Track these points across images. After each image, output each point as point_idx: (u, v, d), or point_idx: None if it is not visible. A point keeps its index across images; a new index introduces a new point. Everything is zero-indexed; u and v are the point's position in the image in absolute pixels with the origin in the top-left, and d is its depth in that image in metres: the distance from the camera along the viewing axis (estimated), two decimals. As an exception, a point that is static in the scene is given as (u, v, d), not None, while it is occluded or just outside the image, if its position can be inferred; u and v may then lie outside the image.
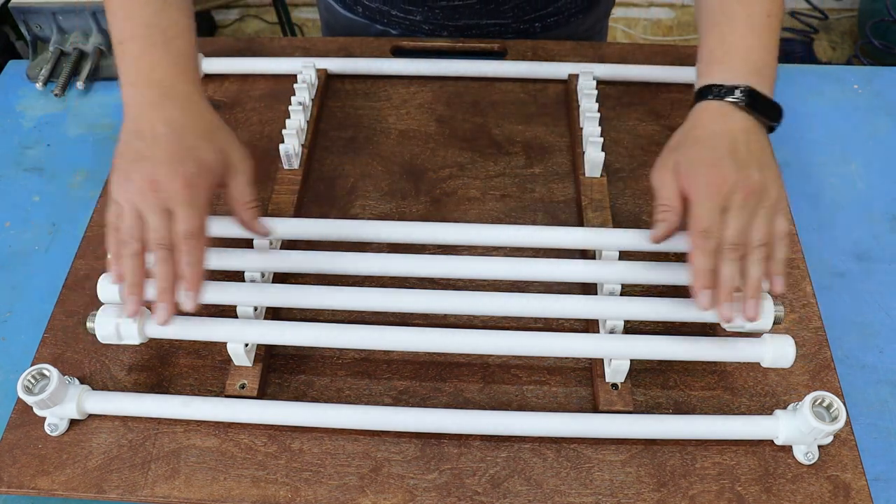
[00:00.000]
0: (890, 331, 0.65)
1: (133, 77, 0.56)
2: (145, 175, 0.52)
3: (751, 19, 0.57)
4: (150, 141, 0.54)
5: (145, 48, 0.56)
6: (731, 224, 0.52)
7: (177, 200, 0.52)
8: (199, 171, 0.53)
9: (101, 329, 0.56)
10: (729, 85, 0.55)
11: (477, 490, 0.54)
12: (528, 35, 0.85)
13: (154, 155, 0.53)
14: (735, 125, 0.55)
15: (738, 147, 0.54)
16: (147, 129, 0.54)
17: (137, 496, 0.53)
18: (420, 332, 0.57)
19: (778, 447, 0.55)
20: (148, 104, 0.55)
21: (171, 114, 0.55)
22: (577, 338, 0.56)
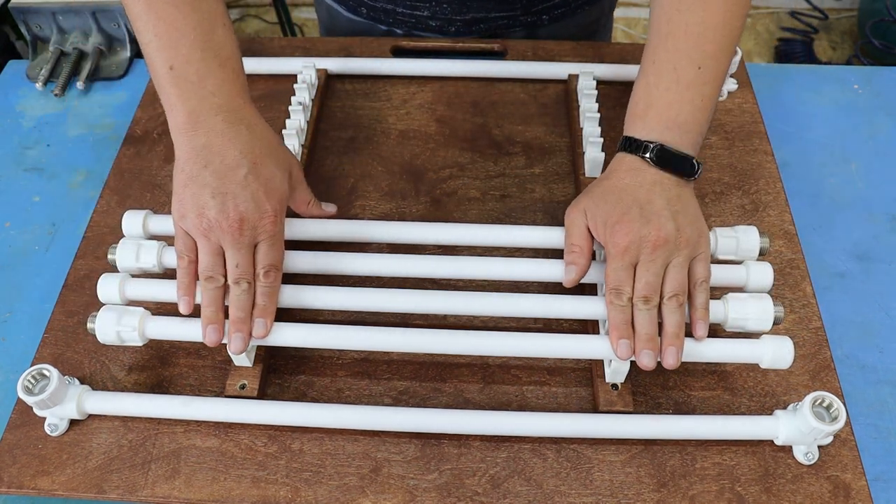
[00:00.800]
0: (890, 331, 0.65)
1: (194, 103, 0.54)
2: (231, 215, 0.52)
3: (676, 73, 0.57)
4: (227, 174, 0.53)
5: (203, 72, 0.54)
6: (640, 277, 0.54)
7: (263, 237, 0.54)
8: (281, 204, 0.55)
9: (102, 330, 0.56)
10: (643, 140, 0.57)
11: (477, 490, 0.54)
12: (535, 27, 0.85)
13: (235, 192, 0.53)
14: (648, 178, 0.56)
15: (648, 200, 0.54)
16: (218, 160, 0.53)
17: (137, 496, 0.53)
18: (420, 334, 0.57)
19: (778, 447, 0.55)
20: (214, 133, 0.54)
21: (242, 142, 0.54)
22: (576, 339, 0.56)
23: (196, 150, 0.53)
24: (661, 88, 0.57)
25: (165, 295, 0.58)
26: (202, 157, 0.53)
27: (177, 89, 0.54)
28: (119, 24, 0.88)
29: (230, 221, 0.52)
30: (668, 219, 0.54)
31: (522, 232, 0.62)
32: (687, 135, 0.56)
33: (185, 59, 0.53)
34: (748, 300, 0.56)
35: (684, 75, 0.56)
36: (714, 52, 0.57)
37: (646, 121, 0.57)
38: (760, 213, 0.69)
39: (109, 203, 0.70)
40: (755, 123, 0.76)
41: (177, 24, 0.53)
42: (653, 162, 0.56)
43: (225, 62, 0.55)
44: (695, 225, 0.55)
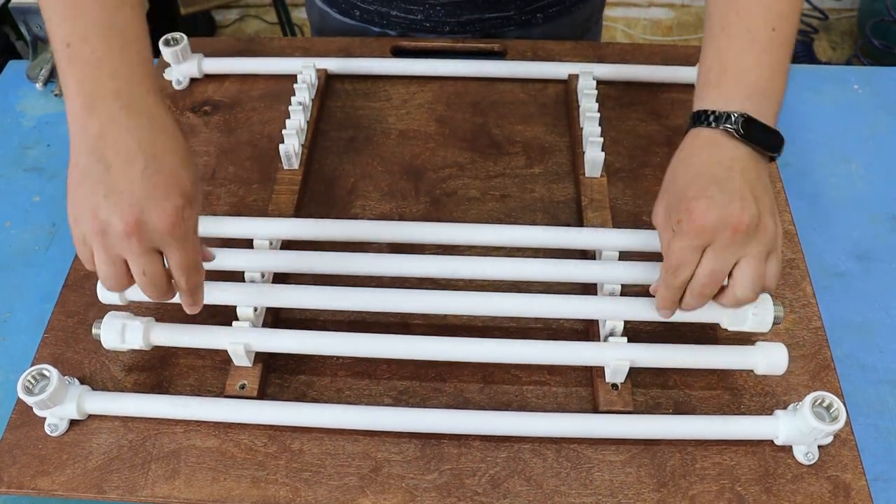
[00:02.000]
0: (890, 331, 0.65)
1: (89, 87, 0.47)
2: (126, 216, 0.45)
3: (751, 34, 0.51)
4: (122, 171, 0.46)
5: (102, 52, 0.47)
6: (706, 264, 0.49)
7: (167, 239, 0.47)
8: (186, 199, 0.47)
9: (107, 335, 0.56)
10: (722, 111, 0.51)
11: (477, 490, 0.54)
12: (529, 25, 0.85)
13: (131, 189, 0.45)
14: (726, 155, 0.50)
15: (728, 177, 0.49)
16: (113, 153, 0.46)
17: (137, 496, 0.53)
18: (420, 341, 0.57)
19: (778, 447, 0.55)
20: (110, 120, 0.46)
21: (140, 133, 0.47)
22: (575, 346, 0.57)
23: (90, 141, 0.46)
24: (734, 51, 0.51)
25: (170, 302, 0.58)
26: (97, 150, 0.46)
27: (73, 69, 0.47)
28: (119, 24, 0.87)
29: (125, 225, 0.45)
30: (750, 202, 0.48)
31: (522, 232, 0.62)
32: (768, 103, 0.51)
33: (83, 37, 0.47)
34: None
35: (758, 36, 0.51)
36: (787, 13, 0.52)
37: (721, 88, 0.52)
38: (760, 213, 0.69)
39: (109, 203, 0.70)
40: (755, 123, 0.76)
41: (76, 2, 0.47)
42: (737, 134, 0.50)
43: (128, 44, 0.48)
44: (774, 217, 0.50)
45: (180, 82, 0.80)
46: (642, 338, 0.59)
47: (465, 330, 0.61)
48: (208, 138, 0.76)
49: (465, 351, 0.57)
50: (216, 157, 0.74)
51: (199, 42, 0.84)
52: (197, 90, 0.80)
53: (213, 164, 0.73)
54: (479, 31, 0.84)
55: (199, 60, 0.79)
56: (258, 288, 0.59)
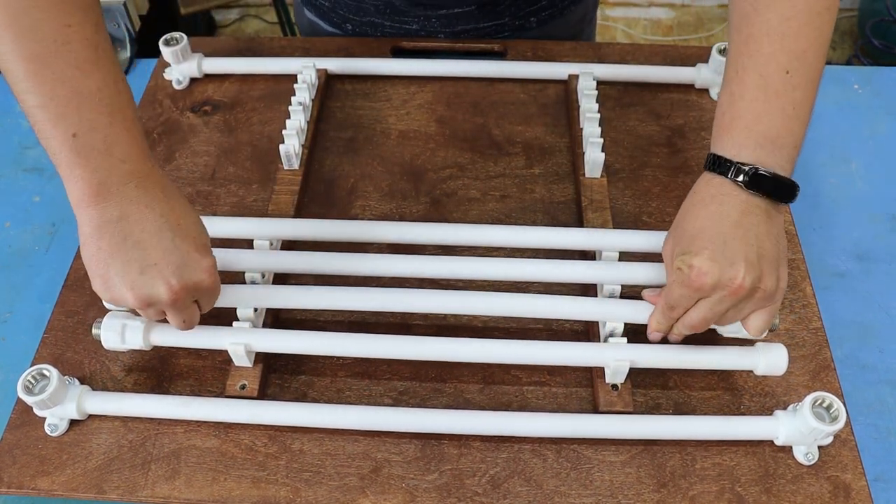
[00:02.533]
0: (890, 331, 0.65)
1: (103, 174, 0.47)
2: (171, 285, 0.49)
3: (763, 79, 0.50)
4: (153, 243, 0.48)
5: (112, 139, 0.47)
6: (699, 310, 0.52)
7: (206, 293, 0.53)
8: (213, 258, 0.52)
9: (107, 335, 0.56)
10: (733, 161, 0.51)
11: (477, 491, 0.54)
12: (524, 31, 0.85)
13: (167, 259, 0.49)
14: (736, 209, 0.50)
15: (734, 235, 0.50)
16: (139, 229, 0.48)
17: (138, 497, 0.53)
18: (421, 342, 0.57)
19: (778, 448, 0.55)
20: (127, 202, 0.48)
21: (159, 207, 0.49)
22: (575, 346, 0.57)
23: (110, 223, 0.47)
24: (746, 99, 0.51)
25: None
26: (119, 230, 0.47)
27: (81, 159, 0.46)
28: (119, 24, 0.88)
29: (172, 293, 0.49)
30: (753, 265, 0.49)
31: (522, 232, 0.62)
32: (781, 150, 0.50)
33: (90, 126, 0.46)
34: None
35: (772, 82, 0.50)
36: (802, 52, 0.50)
37: (733, 135, 0.51)
38: (760, 213, 0.69)
39: (109, 203, 0.70)
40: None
41: (78, 87, 0.46)
42: (745, 186, 0.50)
43: (131, 125, 0.48)
44: (778, 271, 0.51)
45: (180, 82, 0.80)
46: (642, 338, 0.59)
47: (465, 330, 0.61)
48: (208, 138, 0.76)
49: (465, 351, 0.57)
50: (216, 157, 0.74)
51: (199, 42, 0.84)
52: (197, 90, 0.80)
53: (213, 164, 0.73)
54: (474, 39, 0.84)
55: (199, 60, 0.80)
56: (258, 289, 0.59)
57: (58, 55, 0.45)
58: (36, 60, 0.45)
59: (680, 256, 0.51)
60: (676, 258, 0.52)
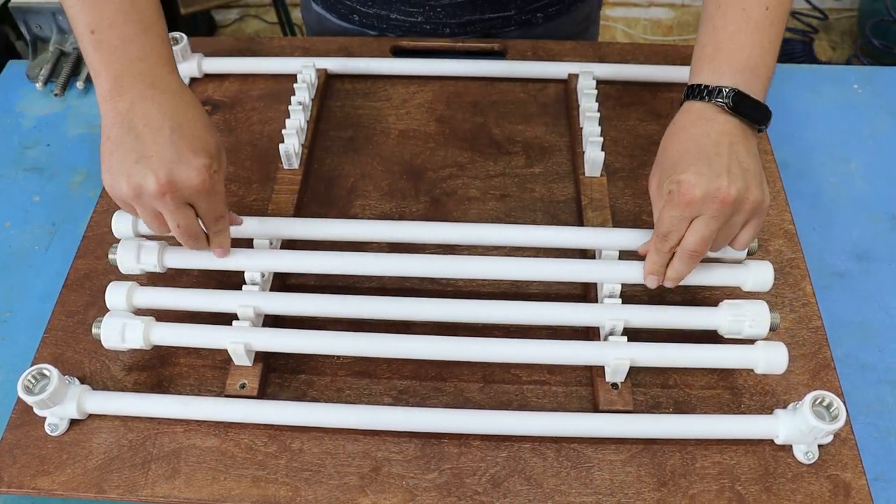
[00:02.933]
0: (890, 331, 0.65)
1: (118, 68, 0.51)
2: (159, 177, 0.50)
3: (745, 13, 0.55)
4: (151, 137, 0.51)
5: (127, 36, 0.52)
6: (695, 230, 0.53)
7: (198, 194, 0.53)
8: (211, 159, 0.53)
9: (107, 335, 0.56)
10: (714, 86, 0.54)
11: (477, 490, 0.54)
12: (529, 25, 0.85)
13: (160, 152, 0.50)
14: (717, 128, 0.53)
15: (717, 152, 0.52)
16: (142, 124, 0.51)
17: (138, 496, 0.53)
18: (420, 341, 0.57)
19: (778, 446, 0.55)
20: (138, 96, 0.51)
21: (166, 106, 0.52)
22: (575, 345, 0.57)
23: (120, 115, 0.51)
24: (729, 30, 0.55)
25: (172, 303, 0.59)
26: (126, 122, 0.51)
27: (100, 54, 0.51)
28: (119, 24, 0.87)
29: (159, 185, 0.50)
30: (739, 176, 0.51)
31: (522, 231, 0.62)
32: (758, 79, 0.54)
33: (109, 23, 0.51)
34: (744, 306, 0.56)
35: (753, 15, 0.54)
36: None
37: (715, 64, 0.55)
38: (760, 212, 0.69)
39: (109, 203, 0.70)
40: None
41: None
42: (727, 108, 0.53)
43: (149, 27, 0.53)
44: (762, 186, 0.53)
45: (180, 82, 0.80)
46: (642, 337, 0.59)
47: (465, 329, 0.61)
48: (208, 138, 0.75)
49: (465, 350, 0.57)
50: (216, 157, 0.74)
51: (199, 42, 0.84)
52: (197, 90, 0.80)
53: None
54: (480, 32, 0.84)
55: (199, 60, 0.80)
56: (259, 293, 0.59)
57: None
58: None
59: (667, 179, 0.53)
60: (664, 182, 0.54)
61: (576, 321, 0.59)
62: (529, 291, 0.64)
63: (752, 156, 0.53)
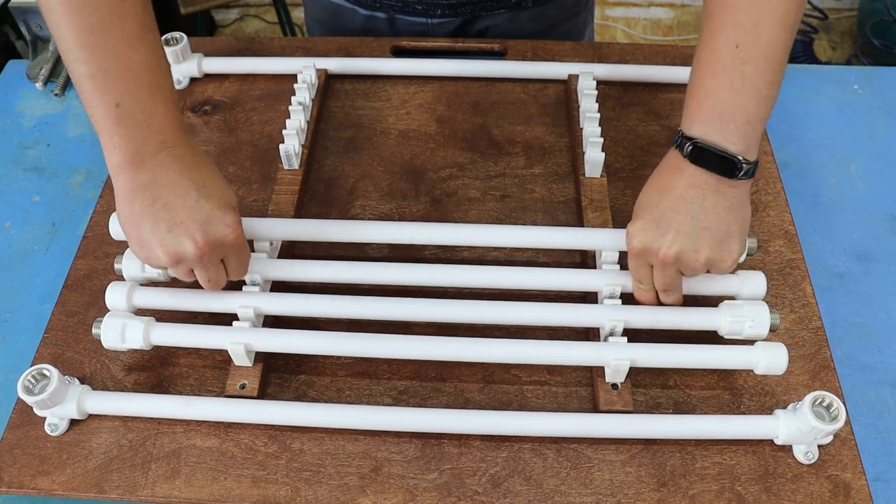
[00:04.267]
0: (890, 331, 0.65)
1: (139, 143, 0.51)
2: (194, 242, 0.52)
3: (714, 54, 0.52)
4: (179, 203, 0.52)
5: (151, 112, 0.51)
6: (657, 278, 0.56)
7: (231, 249, 0.55)
8: (237, 213, 0.55)
9: (107, 335, 0.56)
10: (683, 135, 0.53)
11: (477, 490, 0.54)
12: (519, 8, 0.84)
13: (192, 217, 0.52)
14: (683, 181, 0.53)
15: (674, 207, 0.53)
16: (167, 192, 0.52)
17: (138, 496, 0.53)
18: (421, 341, 0.57)
19: (778, 447, 0.55)
20: (159, 167, 0.52)
21: (187, 172, 0.53)
22: (575, 346, 0.57)
23: (142, 187, 0.51)
24: (699, 74, 0.53)
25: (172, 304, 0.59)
26: (150, 193, 0.51)
27: (121, 128, 0.50)
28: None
29: (197, 249, 0.52)
30: (687, 237, 0.52)
31: (522, 232, 0.62)
32: (728, 125, 0.51)
33: (134, 98, 0.50)
34: (744, 307, 0.56)
35: (721, 57, 0.51)
36: (754, 25, 0.50)
37: (688, 111, 0.54)
38: (760, 213, 0.69)
39: (109, 203, 0.70)
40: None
41: (126, 61, 0.50)
42: (689, 160, 0.52)
43: (168, 98, 0.53)
44: (722, 246, 0.52)
45: (180, 82, 0.80)
46: (642, 338, 0.59)
47: (465, 330, 0.61)
48: (208, 138, 0.76)
49: (465, 351, 0.57)
50: (216, 157, 0.74)
51: (199, 42, 0.84)
52: (197, 90, 0.80)
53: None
54: (469, 13, 0.83)
55: (199, 60, 0.80)
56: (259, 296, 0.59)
57: (111, 29, 0.49)
58: (90, 32, 0.48)
59: (632, 234, 0.55)
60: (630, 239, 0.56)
61: (576, 322, 0.59)
62: (529, 292, 0.64)
63: (718, 211, 0.52)
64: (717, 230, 0.52)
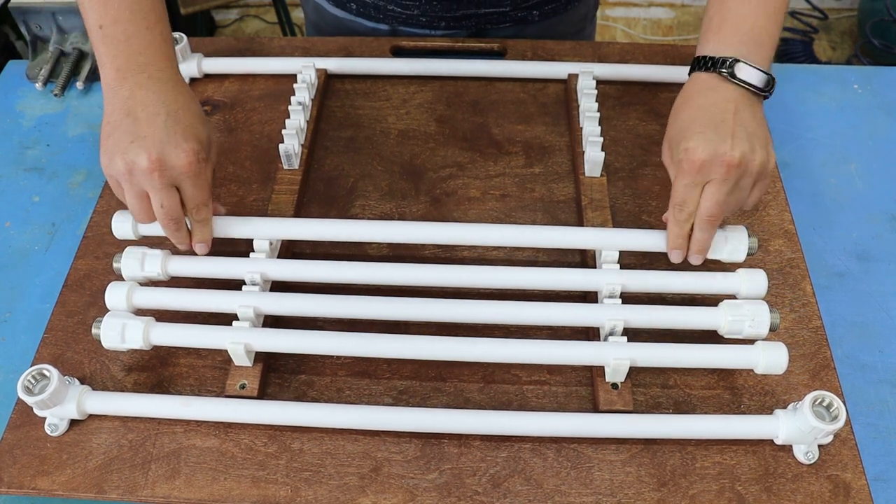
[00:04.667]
0: (890, 331, 0.65)
1: (121, 61, 0.56)
2: (149, 155, 0.54)
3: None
4: (147, 121, 0.55)
5: (131, 32, 0.56)
6: (709, 196, 0.55)
7: (184, 176, 0.56)
8: (201, 145, 0.56)
9: (107, 335, 0.56)
10: (718, 56, 0.56)
11: (477, 490, 0.54)
12: (525, 23, 0.84)
13: (153, 134, 0.54)
14: (721, 96, 0.56)
15: (722, 119, 0.55)
16: (140, 109, 0.55)
17: (138, 496, 0.53)
18: (421, 341, 0.57)
19: (778, 447, 0.55)
20: (138, 86, 0.56)
21: (163, 95, 0.56)
22: (575, 345, 0.57)
23: (121, 101, 0.55)
24: (733, 2, 0.57)
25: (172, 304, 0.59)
26: (126, 107, 0.55)
27: (105, 47, 0.56)
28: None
29: (150, 163, 0.54)
30: (744, 139, 0.54)
31: (522, 231, 0.62)
32: (761, 48, 0.56)
33: (114, 19, 0.56)
34: (744, 307, 0.56)
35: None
36: None
37: (720, 36, 0.57)
38: (760, 212, 0.69)
39: (109, 203, 0.70)
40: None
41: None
42: (729, 77, 0.56)
43: (153, 25, 0.57)
44: (766, 148, 0.55)
45: (180, 82, 0.80)
46: (642, 337, 0.59)
47: (465, 329, 0.61)
48: (208, 138, 0.75)
49: (465, 351, 0.57)
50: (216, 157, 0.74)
51: (199, 42, 0.84)
52: (197, 90, 0.80)
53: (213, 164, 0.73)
54: (475, 27, 0.84)
55: (199, 60, 0.80)
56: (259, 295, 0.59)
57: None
58: None
59: (676, 148, 0.56)
60: (674, 152, 0.57)
61: (576, 321, 0.59)
62: (529, 292, 0.64)
63: (756, 120, 0.56)
64: (760, 135, 0.55)
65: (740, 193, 0.56)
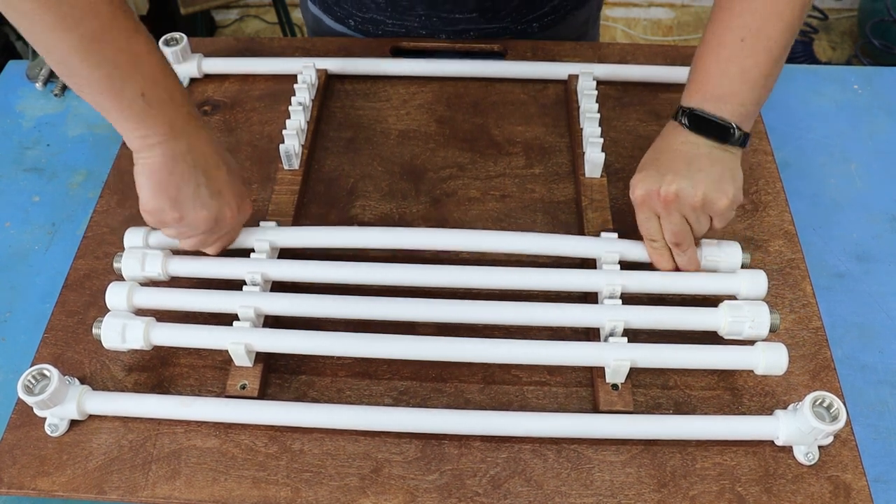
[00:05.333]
0: (890, 331, 0.65)
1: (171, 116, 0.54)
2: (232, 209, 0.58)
3: (719, 47, 0.58)
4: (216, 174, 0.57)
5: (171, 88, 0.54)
6: (665, 227, 0.58)
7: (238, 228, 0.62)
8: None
9: (107, 335, 0.56)
10: (683, 106, 0.59)
11: (477, 491, 0.54)
12: (525, 35, 0.85)
13: (228, 189, 0.58)
14: (680, 139, 0.58)
15: (671, 158, 0.58)
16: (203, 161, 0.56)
17: (138, 497, 0.53)
18: (420, 341, 0.57)
19: (778, 447, 0.55)
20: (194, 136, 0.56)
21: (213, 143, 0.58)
22: (575, 346, 0.57)
23: (182, 154, 0.55)
24: (704, 60, 0.59)
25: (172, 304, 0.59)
26: (189, 159, 0.55)
27: (153, 110, 0.53)
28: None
29: (231, 219, 0.58)
30: (684, 177, 0.56)
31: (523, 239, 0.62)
32: (725, 105, 0.57)
33: (153, 82, 0.53)
34: (744, 308, 0.56)
35: (725, 50, 0.58)
36: (758, 26, 0.56)
37: (689, 91, 0.60)
38: (760, 213, 0.69)
39: (109, 203, 0.70)
40: (755, 123, 0.76)
41: (133, 53, 0.51)
42: (685, 125, 0.58)
43: (173, 74, 0.56)
44: (717, 185, 0.56)
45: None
46: (642, 338, 0.59)
47: (465, 330, 0.61)
48: (208, 138, 0.75)
49: (465, 351, 0.57)
50: (216, 158, 0.74)
51: (199, 42, 0.84)
52: (197, 90, 0.80)
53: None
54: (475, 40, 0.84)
55: (199, 60, 0.79)
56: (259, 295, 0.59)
57: (111, 30, 0.50)
58: (93, 40, 0.49)
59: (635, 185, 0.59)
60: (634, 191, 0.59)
61: (576, 322, 0.59)
62: (529, 292, 0.64)
63: (712, 161, 0.57)
64: (711, 172, 0.57)
65: (698, 224, 0.58)
